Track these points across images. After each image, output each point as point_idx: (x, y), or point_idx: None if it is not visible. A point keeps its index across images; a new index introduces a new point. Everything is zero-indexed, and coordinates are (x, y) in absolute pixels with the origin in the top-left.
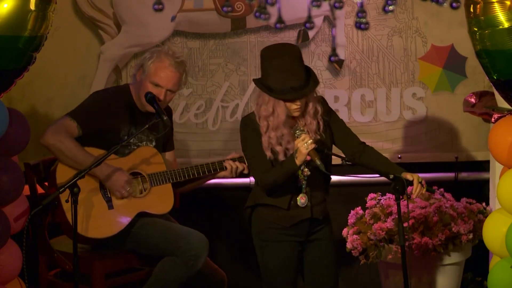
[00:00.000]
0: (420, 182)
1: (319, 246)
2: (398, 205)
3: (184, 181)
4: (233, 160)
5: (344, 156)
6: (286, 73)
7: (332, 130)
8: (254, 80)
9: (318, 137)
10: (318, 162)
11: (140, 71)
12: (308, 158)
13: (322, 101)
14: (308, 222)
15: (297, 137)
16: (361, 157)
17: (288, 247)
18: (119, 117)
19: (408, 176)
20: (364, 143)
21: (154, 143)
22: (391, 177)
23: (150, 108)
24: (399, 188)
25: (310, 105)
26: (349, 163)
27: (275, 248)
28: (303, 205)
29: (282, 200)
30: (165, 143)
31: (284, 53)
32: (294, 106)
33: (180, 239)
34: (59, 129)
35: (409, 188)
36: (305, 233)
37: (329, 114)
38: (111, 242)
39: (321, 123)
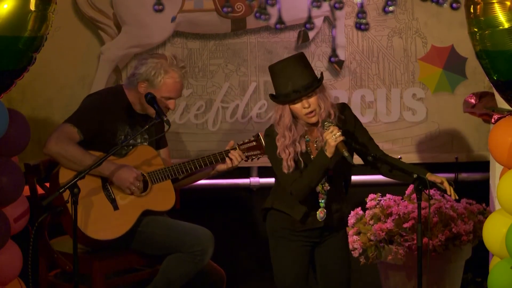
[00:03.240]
0: (450, 184)
1: (331, 249)
2: (419, 205)
3: (182, 177)
4: (234, 149)
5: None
6: (288, 78)
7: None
8: (269, 95)
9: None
10: (346, 153)
11: (144, 85)
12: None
13: (344, 107)
14: (321, 229)
15: (326, 130)
16: (383, 164)
17: (300, 247)
18: (116, 118)
19: (434, 178)
20: (385, 154)
21: (148, 141)
22: (414, 176)
23: (151, 111)
24: (422, 188)
25: (322, 108)
26: (373, 158)
27: (287, 246)
28: (322, 219)
29: (297, 212)
30: (158, 141)
31: (286, 62)
32: (303, 110)
33: (186, 235)
34: (61, 137)
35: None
36: (318, 236)
37: (353, 122)
38: (117, 244)
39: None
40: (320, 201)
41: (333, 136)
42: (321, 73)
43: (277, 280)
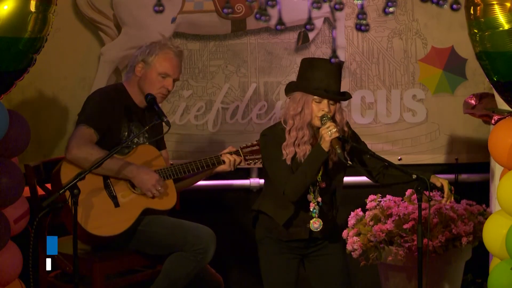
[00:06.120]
0: (450, 189)
1: (323, 259)
2: (419, 206)
3: (183, 176)
4: (230, 153)
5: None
6: (326, 76)
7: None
8: (288, 83)
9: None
10: (338, 150)
11: (141, 65)
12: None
13: (347, 124)
14: (307, 241)
15: (323, 125)
16: (385, 176)
17: (286, 261)
18: (120, 115)
19: (435, 180)
20: (386, 166)
21: (148, 141)
22: (414, 177)
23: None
24: (421, 189)
25: (338, 119)
26: (373, 156)
27: (273, 260)
28: (317, 229)
29: (281, 216)
30: (157, 142)
31: (327, 62)
32: (320, 111)
33: (188, 233)
34: (83, 141)
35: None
36: (304, 248)
37: (354, 137)
38: (116, 242)
39: (346, 145)
40: (311, 210)
41: (328, 132)
42: (348, 93)
43: None
